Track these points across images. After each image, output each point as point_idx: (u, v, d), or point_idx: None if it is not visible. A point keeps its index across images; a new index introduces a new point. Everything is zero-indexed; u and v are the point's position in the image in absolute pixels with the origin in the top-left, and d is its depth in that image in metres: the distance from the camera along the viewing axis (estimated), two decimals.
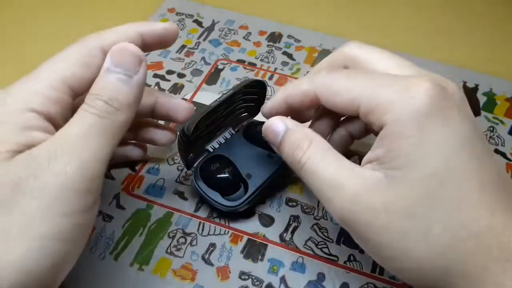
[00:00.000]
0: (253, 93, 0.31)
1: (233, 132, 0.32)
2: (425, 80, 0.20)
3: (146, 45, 0.24)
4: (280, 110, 0.27)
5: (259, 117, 0.33)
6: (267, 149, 0.31)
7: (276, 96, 0.27)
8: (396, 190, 0.20)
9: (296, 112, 0.28)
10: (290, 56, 0.43)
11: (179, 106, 0.29)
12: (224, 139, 0.32)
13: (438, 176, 0.19)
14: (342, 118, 0.29)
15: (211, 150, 0.31)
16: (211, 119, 0.30)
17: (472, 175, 0.20)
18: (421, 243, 0.20)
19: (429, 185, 0.20)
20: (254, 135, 0.32)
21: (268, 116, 0.27)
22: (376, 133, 0.22)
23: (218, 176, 0.29)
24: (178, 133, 0.29)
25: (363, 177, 0.21)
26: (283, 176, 0.32)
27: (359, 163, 0.23)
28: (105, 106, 0.20)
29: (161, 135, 0.30)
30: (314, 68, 0.28)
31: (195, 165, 0.31)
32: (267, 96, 0.32)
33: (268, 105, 0.27)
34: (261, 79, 0.36)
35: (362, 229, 0.21)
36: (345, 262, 0.29)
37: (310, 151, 0.23)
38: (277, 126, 0.25)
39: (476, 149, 0.20)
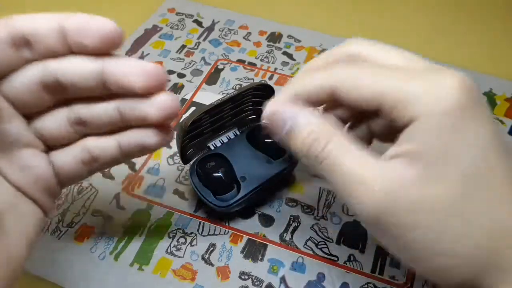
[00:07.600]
0: (262, 96, 0.31)
1: (237, 133, 0.32)
2: (454, 75, 0.20)
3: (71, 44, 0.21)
4: None
5: None
6: (268, 155, 0.31)
7: (283, 95, 0.23)
8: (435, 188, 0.19)
9: None
10: (290, 56, 0.43)
11: (131, 68, 0.22)
12: (227, 138, 0.32)
13: (475, 173, 0.19)
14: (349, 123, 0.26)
15: (212, 147, 0.31)
16: (215, 117, 0.30)
17: (504, 171, 0.19)
18: (461, 241, 0.19)
19: (467, 182, 0.19)
20: (257, 139, 0.31)
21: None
22: (399, 131, 0.20)
23: (211, 174, 0.29)
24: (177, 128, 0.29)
25: (398, 172, 0.19)
26: (282, 178, 0.32)
27: None
28: None
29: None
30: (308, 64, 0.25)
31: (193, 160, 0.30)
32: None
33: (272, 106, 0.23)
34: (267, 82, 0.36)
35: (396, 229, 0.20)
36: (345, 262, 0.29)
37: (332, 146, 0.21)
38: (287, 114, 0.22)
39: (503, 146, 0.20)
